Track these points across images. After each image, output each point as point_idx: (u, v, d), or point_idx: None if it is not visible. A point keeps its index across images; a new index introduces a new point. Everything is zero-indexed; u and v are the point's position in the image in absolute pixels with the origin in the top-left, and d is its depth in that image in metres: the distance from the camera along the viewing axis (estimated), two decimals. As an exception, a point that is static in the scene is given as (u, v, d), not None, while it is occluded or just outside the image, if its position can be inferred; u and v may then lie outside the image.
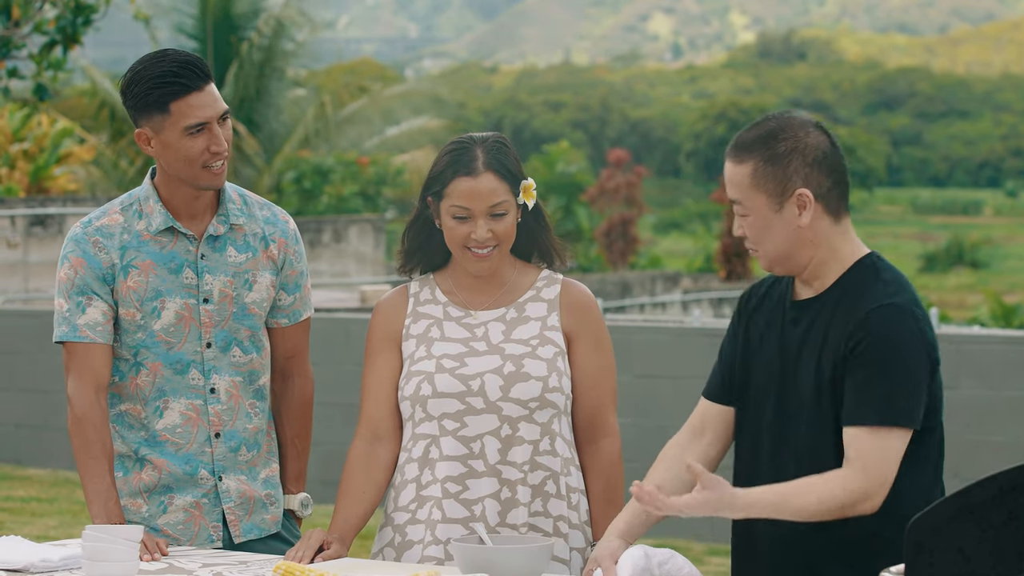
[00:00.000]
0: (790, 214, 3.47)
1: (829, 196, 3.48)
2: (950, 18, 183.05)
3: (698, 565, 9.33)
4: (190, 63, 3.84)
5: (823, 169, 3.47)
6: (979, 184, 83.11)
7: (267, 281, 4.01)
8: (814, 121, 3.52)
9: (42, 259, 17.74)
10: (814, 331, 3.50)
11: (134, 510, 3.99)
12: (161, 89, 3.82)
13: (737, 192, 3.50)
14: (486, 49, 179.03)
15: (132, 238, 3.93)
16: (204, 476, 3.97)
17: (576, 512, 3.84)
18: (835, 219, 3.50)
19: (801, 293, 3.57)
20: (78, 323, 3.89)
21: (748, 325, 3.65)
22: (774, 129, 3.48)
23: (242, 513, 4.01)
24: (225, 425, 3.98)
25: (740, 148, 3.50)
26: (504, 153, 3.82)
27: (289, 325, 4.08)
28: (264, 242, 4.02)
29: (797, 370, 3.51)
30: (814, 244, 3.49)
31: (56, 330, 3.92)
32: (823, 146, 3.48)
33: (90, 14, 12.23)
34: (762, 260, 3.54)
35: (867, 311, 3.42)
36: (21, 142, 22.70)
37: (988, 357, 9.13)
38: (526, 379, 3.77)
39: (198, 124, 3.83)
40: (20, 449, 12.15)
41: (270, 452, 4.09)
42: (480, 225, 3.76)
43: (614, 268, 35.02)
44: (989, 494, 2.42)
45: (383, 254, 23.14)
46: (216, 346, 3.95)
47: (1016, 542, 2.40)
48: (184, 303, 3.93)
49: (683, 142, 78.30)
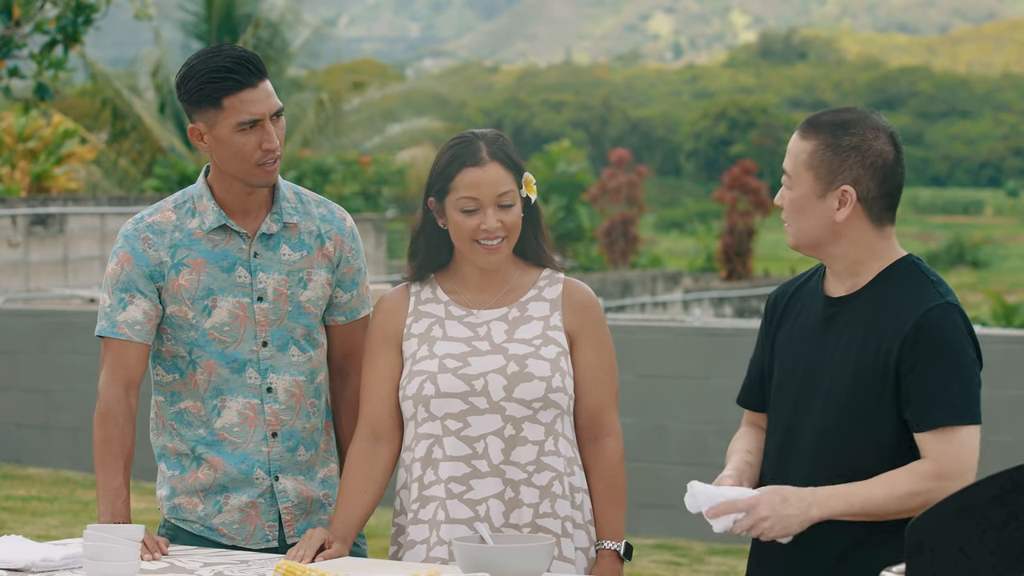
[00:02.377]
0: (829, 205, 3.51)
1: (874, 203, 3.51)
2: (951, 18, 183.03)
3: (699, 565, 9.30)
4: (245, 59, 3.83)
5: (877, 176, 3.50)
6: (980, 184, 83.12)
7: (322, 279, 3.99)
8: (890, 129, 3.55)
9: (43, 259, 17.75)
10: (852, 328, 3.52)
11: (190, 508, 3.98)
12: (214, 84, 3.80)
13: (792, 165, 3.54)
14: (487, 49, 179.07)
15: (184, 236, 3.92)
16: (260, 476, 3.96)
17: (580, 512, 3.84)
18: (876, 225, 3.53)
19: (835, 290, 3.59)
20: (117, 319, 3.88)
21: (777, 328, 3.68)
22: (849, 121, 3.52)
23: (299, 513, 4.00)
24: (283, 425, 3.96)
25: (811, 125, 3.54)
26: (506, 145, 3.82)
27: (346, 323, 4.07)
28: (320, 240, 4.00)
29: (830, 367, 3.53)
30: (849, 241, 3.52)
31: (97, 324, 3.92)
32: (886, 155, 3.51)
33: (91, 13, 12.24)
34: (790, 237, 3.59)
35: (924, 311, 3.46)
36: (25, 142, 22.72)
37: (989, 356, 9.11)
38: (529, 379, 3.77)
39: (251, 120, 3.81)
40: (21, 449, 12.16)
41: (328, 451, 4.08)
42: (490, 215, 3.76)
43: (615, 267, 35.02)
44: (990, 494, 2.42)
45: (384, 253, 23.15)
46: (272, 345, 3.93)
47: (1017, 542, 2.41)
48: (238, 302, 3.91)
49: (684, 141, 78.32)
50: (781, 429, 3.61)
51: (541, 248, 3.90)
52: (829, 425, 3.51)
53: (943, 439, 3.41)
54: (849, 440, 3.50)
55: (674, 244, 57.87)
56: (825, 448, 3.52)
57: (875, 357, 3.47)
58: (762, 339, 3.74)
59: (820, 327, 3.57)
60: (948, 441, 3.41)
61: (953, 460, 3.41)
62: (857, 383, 3.49)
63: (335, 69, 49.95)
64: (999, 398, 9.01)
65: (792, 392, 3.59)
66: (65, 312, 12.46)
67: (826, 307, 3.59)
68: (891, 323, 3.47)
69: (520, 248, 3.89)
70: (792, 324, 3.64)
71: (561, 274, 3.92)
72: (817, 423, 3.53)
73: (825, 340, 3.56)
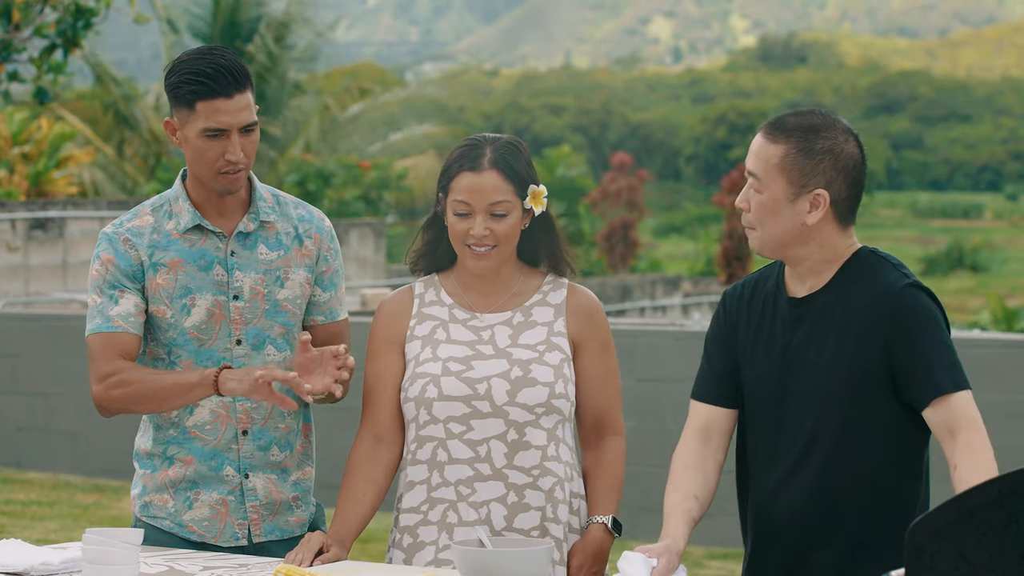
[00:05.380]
0: (801, 208, 3.50)
1: (843, 204, 3.53)
2: (951, 21, 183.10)
3: (699, 569, 9.29)
4: (228, 68, 3.84)
5: (847, 178, 3.52)
6: (979, 188, 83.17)
7: (301, 278, 4.00)
8: (854, 130, 3.57)
9: (42, 262, 17.74)
10: (823, 327, 3.52)
11: (160, 505, 3.99)
12: (191, 86, 3.83)
13: (760, 168, 3.53)
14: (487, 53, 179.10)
15: (161, 238, 3.95)
16: (230, 473, 3.96)
17: (577, 517, 3.85)
18: (842, 225, 3.55)
19: (797, 290, 3.59)
20: (111, 314, 3.89)
21: (737, 326, 3.66)
22: (818, 124, 3.52)
23: (266, 513, 4.00)
24: (254, 423, 3.97)
25: (779, 128, 3.53)
26: (514, 155, 3.82)
27: (326, 323, 4.07)
28: (298, 240, 4.01)
29: (805, 366, 3.52)
30: (816, 243, 3.53)
31: (88, 325, 3.92)
32: (855, 157, 3.53)
33: (90, 18, 12.25)
34: (754, 240, 3.57)
35: (896, 291, 3.48)
36: (21, 145, 22.71)
37: (989, 360, 9.13)
38: (533, 384, 3.77)
39: (217, 129, 3.84)
40: (21, 452, 12.15)
41: (305, 454, 4.08)
42: (479, 222, 3.76)
43: (615, 272, 35.03)
44: (989, 497, 2.42)
45: (384, 258, 23.16)
46: (247, 343, 3.95)
47: (1016, 546, 2.41)
48: (215, 300, 3.93)
49: (683, 146, 78.37)
50: (768, 435, 3.59)
51: (561, 257, 3.89)
52: (828, 426, 3.50)
53: (960, 402, 3.44)
54: (851, 437, 3.49)
55: (674, 248, 57.91)
56: (828, 450, 3.51)
57: (856, 349, 3.48)
58: (715, 334, 3.71)
59: (789, 328, 3.57)
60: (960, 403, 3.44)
61: (975, 416, 3.44)
62: (845, 379, 3.49)
63: (335, 73, 49.93)
64: (1000, 402, 9.00)
65: (773, 396, 3.57)
66: (65, 316, 12.46)
67: (791, 308, 3.58)
68: (865, 313, 3.48)
69: (534, 256, 3.89)
70: (757, 325, 3.62)
71: (565, 279, 3.93)
72: (812, 426, 3.52)
73: (797, 341, 3.55)
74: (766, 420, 3.60)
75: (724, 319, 3.69)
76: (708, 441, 3.68)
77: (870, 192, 73.94)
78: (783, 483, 3.55)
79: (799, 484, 3.53)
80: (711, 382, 3.70)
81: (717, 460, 3.68)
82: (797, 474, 3.54)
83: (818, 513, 3.53)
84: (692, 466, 3.65)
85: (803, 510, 3.54)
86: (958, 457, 3.40)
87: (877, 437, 3.49)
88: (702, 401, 3.71)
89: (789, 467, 3.55)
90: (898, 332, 3.45)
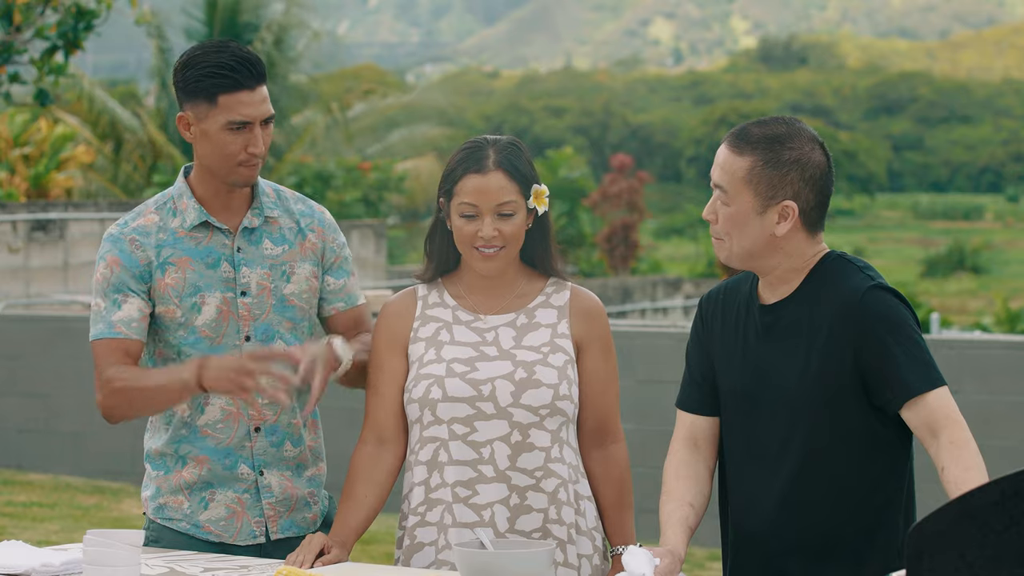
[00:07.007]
0: (769, 220, 3.48)
1: (811, 213, 3.51)
2: (951, 23, 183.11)
3: (699, 571, 9.29)
4: (248, 60, 3.85)
5: (815, 188, 3.49)
6: (980, 189, 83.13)
7: (307, 272, 4.00)
8: (819, 139, 3.53)
9: (43, 264, 17.74)
10: (793, 332, 3.51)
11: (175, 507, 3.98)
12: (213, 79, 3.82)
13: (726, 181, 3.51)
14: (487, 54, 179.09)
15: (168, 236, 3.93)
16: (244, 471, 3.96)
17: (584, 519, 3.85)
18: (811, 233, 3.53)
19: (767, 297, 3.58)
20: (113, 319, 3.87)
21: (713, 332, 3.65)
22: (783, 135, 3.48)
23: (282, 510, 4.00)
24: (267, 420, 3.96)
25: (743, 140, 3.50)
26: (516, 155, 3.82)
27: (347, 308, 4.06)
28: (301, 234, 4.01)
29: (776, 373, 3.51)
30: (784, 253, 3.51)
31: (92, 329, 3.90)
32: (822, 166, 3.50)
33: (91, 19, 12.25)
34: (722, 251, 3.55)
35: (859, 295, 3.45)
36: (21, 147, 22.72)
37: (990, 362, 9.13)
38: (537, 386, 3.77)
39: (241, 122, 3.83)
40: (22, 454, 12.16)
41: (315, 450, 4.08)
42: (487, 223, 3.77)
43: (615, 273, 35.00)
44: (990, 499, 2.42)
45: (384, 259, 23.16)
46: (256, 339, 3.93)
47: (1017, 547, 2.40)
48: (223, 297, 3.92)
49: (684, 147, 78.30)
50: (742, 442, 3.59)
51: (549, 259, 3.90)
52: (799, 433, 3.49)
53: (937, 400, 3.39)
54: (823, 443, 3.47)
55: (674, 250, 57.88)
56: (802, 457, 3.49)
57: (825, 356, 3.46)
58: (694, 340, 3.72)
59: (761, 336, 3.55)
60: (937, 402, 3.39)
61: (955, 413, 3.39)
62: (815, 386, 3.47)
63: (336, 75, 49.95)
64: (1001, 403, 9.00)
65: (746, 403, 3.57)
66: (66, 317, 12.46)
67: (762, 315, 3.57)
68: (832, 319, 3.46)
69: (528, 257, 3.90)
70: (731, 332, 3.61)
71: (567, 281, 3.93)
72: (784, 435, 3.51)
73: (769, 348, 3.54)
74: (740, 427, 3.59)
75: (701, 325, 3.70)
76: (697, 450, 3.68)
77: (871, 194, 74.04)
78: (757, 490, 3.54)
79: (772, 491, 3.52)
80: (693, 390, 3.71)
81: (708, 466, 3.68)
82: (770, 482, 3.52)
83: (792, 520, 3.51)
84: (684, 475, 3.65)
85: (777, 518, 3.52)
86: (944, 457, 3.35)
87: (850, 443, 3.47)
88: (686, 411, 3.72)
89: (763, 474, 3.54)
90: (865, 336, 3.43)
